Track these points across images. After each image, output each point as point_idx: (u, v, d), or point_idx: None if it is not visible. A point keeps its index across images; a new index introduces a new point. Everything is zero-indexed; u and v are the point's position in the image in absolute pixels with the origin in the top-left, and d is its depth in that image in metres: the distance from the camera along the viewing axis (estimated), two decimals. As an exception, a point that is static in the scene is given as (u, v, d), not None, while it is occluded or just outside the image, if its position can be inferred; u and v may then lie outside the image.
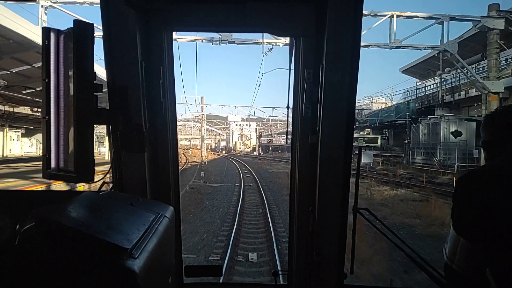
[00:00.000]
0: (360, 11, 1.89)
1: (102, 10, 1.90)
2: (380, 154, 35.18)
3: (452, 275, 1.30)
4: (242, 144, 75.20)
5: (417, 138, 31.70)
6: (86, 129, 1.63)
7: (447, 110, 30.54)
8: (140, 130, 1.99)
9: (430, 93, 35.26)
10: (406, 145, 33.72)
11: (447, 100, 31.32)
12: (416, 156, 31.40)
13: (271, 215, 12.43)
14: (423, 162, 29.33)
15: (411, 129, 32.97)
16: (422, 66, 38.18)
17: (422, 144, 30.69)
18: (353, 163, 2.34)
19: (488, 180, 1.28)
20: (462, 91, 29.80)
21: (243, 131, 76.18)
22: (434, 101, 33.31)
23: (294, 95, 2.27)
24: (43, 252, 0.98)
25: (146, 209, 1.47)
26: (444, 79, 32.09)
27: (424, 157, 30.09)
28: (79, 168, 1.62)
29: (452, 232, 1.30)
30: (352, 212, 2.16)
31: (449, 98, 31.00)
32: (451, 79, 31.19)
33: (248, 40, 19.64)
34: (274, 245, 8.83)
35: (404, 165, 29.86)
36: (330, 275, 2.18)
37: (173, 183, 2.30)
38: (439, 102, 32.07)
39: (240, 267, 7.65)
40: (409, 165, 29.60)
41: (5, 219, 1.72)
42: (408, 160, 32.06)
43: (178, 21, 2.09)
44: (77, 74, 1.58)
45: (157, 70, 2.10)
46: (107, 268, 0.97)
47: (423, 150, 30.49)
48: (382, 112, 43.02)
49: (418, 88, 40.01)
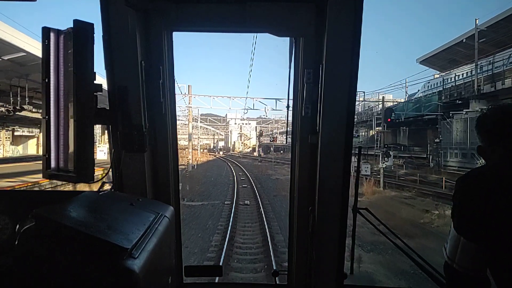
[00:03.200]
0: (360, 11, 1.89)
1: (102, 10, 1.90)
2: (397, 155, 30.40)
3: (452, 274, 1.31)
4: (242, 144, 71.83)
5: (449, 137, 26.24)
6: (86, 129, 1.63)
7: (484, 102, 24.26)
8: (140, 130, 1.99)
9: (461, 83, 28.64)
10: (436, 145, 27.81)
11: (486, 90, 24.88)
12: (450, 158, 25.88)
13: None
14: (459, 166, 24.08)
15: (442, 125, 27.35)
16: (444, 55, 33.14)
17: (456, 143, 25.40)
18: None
19: (488, 180, 1.28)
20: (508, 78, 23.33)
21: (243, 130, 72.20)
22: (467, 92, 26.75)
23: (294, 95, 2.27)
24: (43, 252, 0.98)
25: (146, 209, 1.47)
26: (480, 65, 25.77)
27: (461, 159, 24.76)
28: (79, 168, 1.62)
29: (453, 232, 1.30)
30: (352, 212, 2.16)
31: (488, 88, 24.76)
32: (489, 66, 25.07)
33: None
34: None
35: (432, 169, 25.56)
36: (330, 275, 2.18)
37: (173, 183, 2.30)
38: (474, 94, 25.71)
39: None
40: (441, 169, 24.62)
41: (5, 219, 1.72)
42: (439, 162, 26.55)
43: (178, 21, 2.09)
44: (77, 74, 1.58)
45: (157, 70, 2.10)
46: (107, 268, 0.97)
47: (458, 150, 25.29)
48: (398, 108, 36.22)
49: (444, 78, 33.73)
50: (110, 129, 1.99)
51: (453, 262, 1.29)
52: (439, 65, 36.05)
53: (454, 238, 1.29)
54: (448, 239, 1.34)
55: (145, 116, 2.05)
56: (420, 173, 23.92)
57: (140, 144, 1.98)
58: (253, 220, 12.10)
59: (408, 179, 22.05)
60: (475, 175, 1.36)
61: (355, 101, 2.15)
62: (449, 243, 1.31)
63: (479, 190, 1.27)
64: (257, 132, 61.70)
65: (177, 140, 2.41)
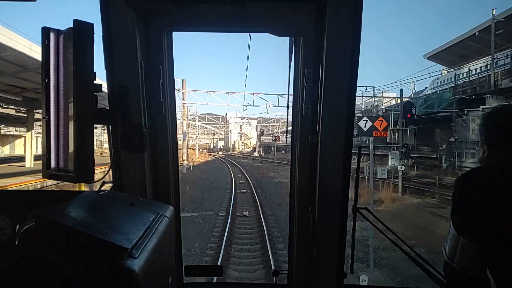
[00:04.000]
0: (360, 11, 1.89)
1: (102, 10, 1.90)
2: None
3: (452, 274, 1.31)
4: (242, 144, 70.06)
5: (465, 135, 24.26)
6: (86, 129, 1.63)
7: (501, 98, 22.47)
8: (140, 130, 1.99)
9: (475, 79, 26.69)
10: (450, 144, 25.84)
11: (504, 85, 22.91)
12: (466, 159, 23.92)
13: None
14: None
15: (457, 123, 25.36)
16: (454, 50, 31.13)
17: (472, 142, 23.05)
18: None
19: (488, 179, 1.28)
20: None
21: (243, 130, 70.11)
22: (483, 88, 24.84)
23: (294, 95, 2.27)
24: (43, 252, 0.98)
25: (146, 209, 1.47)
26: (496, 59, 23.76)
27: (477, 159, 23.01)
28: (79, 168, 1.62)
29: (452, 231, 1.30)
30: (352, 212, 2.16)
31: (507, 83, 22.83)
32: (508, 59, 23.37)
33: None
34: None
35: (447, 171, 23.39)
36: (330, 274, 2.18)
37: (173, 183, 2.30)
38: (491, 89, 23.70)
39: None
40: (456, 170, 22.43)
41: (5, 219, 1.72)
42: (455, 163, 24.52)
43: (178, 21, 2.09)
44: (77, 74, 1.58)
45: (157, 70, 2.10)
46: (107, 268, 0.97)
47: (475, 150, 21.89)
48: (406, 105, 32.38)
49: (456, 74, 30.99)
50: (110, 129, 1.99)
51: (452, 262, 1.28)
52: (448, 60, 33.93)
53: (453, 238, 1.28)
54: (447, 239, 1.33)
55: (145, 116, 2.05)
56: (432, 174, 22.64)
57: (140, 144, 1.99)
58: (253, 240, 9.95)
59: (423, 182, 20.43)
60: (477, 174, 1.35)
61: (355, 101, 2.15)
62: (449, 243, 1.31)
63: (481, 189, 1.26)
64: (257, 131, 59.13)
65: (177, 140, 2.41)
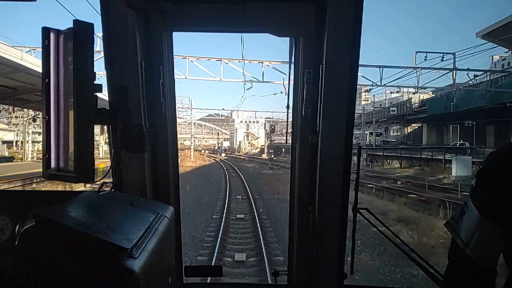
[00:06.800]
0: (360, 11, 1.89)
1: (102, 10, 1.90)
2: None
3: (462, 259, 1.15)
4: (248, 144, 64.07)
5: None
6: (86, 129, 1.63)
7: None
8: (140, 130, 1.99)
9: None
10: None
11: None
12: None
13: None
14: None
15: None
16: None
17: None
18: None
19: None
20: None
21: (249, 129, 64.30)
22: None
23: (294, 95, 2.27)
24: (43, 252, 0.98)
25: (146, 209, 1.47)
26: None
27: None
28: (79, 168, 1.62)
29: (472, 212, 1.14)
30: (352, 212, 2.16)
31: None
32: None
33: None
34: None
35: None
36: (330, 275, 2.18)
37: (173, 183, 2.30)
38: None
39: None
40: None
41: (5, 219, 1.72)
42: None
43: (178, 21, 2.09)
44: (77, 74, 1.58)
45: (157, 70, 2.10)
46: (107, 268, 0.97)
47: None
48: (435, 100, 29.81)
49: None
50: (110, 129, 1.99)
51: (466, 246, 1.13)
52: (507, 41, 25.11)
53: (472, 220, 1.13)
54: (456, 217, 1.20)
55: (145, 116, 2.05)
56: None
57: (140, 144, 1.99)
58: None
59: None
60: (509, 149, 1.16)
61: (355, 101, 2.15)
62: (465, 224, 1.15)
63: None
64: (266, 129, 48.53)
65: (177, 140, 2.41)
